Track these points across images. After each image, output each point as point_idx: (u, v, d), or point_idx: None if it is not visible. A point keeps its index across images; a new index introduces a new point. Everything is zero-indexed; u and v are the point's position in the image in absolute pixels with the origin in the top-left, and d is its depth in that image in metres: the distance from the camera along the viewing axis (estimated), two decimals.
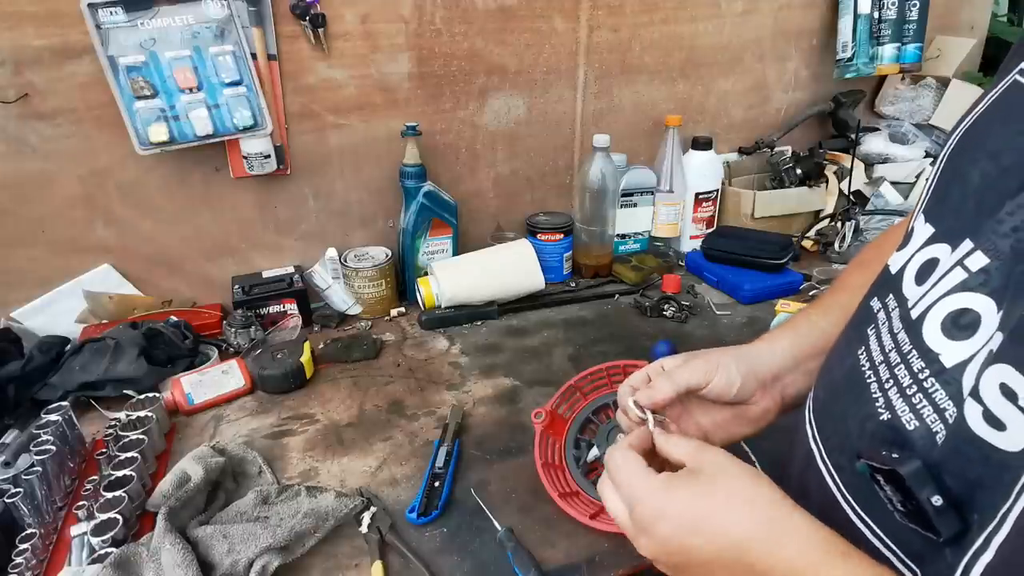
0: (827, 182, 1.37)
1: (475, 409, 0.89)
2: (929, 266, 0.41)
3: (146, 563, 0.60)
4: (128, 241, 1.04)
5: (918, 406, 0.38)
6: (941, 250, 0.40)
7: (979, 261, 0.36)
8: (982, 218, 0.37)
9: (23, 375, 0.85)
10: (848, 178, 1.33)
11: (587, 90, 1.27)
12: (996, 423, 0.32)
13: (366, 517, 0.68)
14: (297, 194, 1.12)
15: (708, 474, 0.43)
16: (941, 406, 0.36)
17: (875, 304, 0.46)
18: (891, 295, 0.44)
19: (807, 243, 1.34)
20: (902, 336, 0.41)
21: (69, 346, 0.93)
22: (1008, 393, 0.31)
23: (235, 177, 1.06)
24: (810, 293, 1.16)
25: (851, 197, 1.33)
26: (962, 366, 0.35)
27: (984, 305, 0.35)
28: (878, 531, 0.39)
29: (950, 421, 0.35)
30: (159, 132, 0.95)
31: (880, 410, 0.40)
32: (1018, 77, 0.39)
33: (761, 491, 0.42)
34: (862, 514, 0.40)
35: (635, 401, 0.53)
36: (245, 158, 1.03)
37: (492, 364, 1.00)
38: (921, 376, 0.38)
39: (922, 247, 0.42)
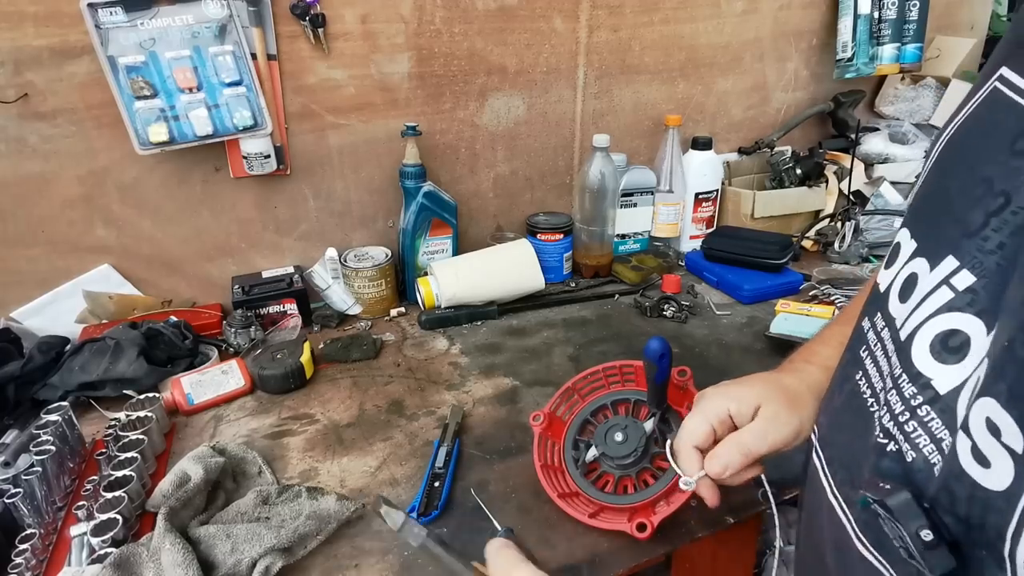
0: (827, 182, 1.37)
1: (475, 409, 0.89)
2: (910, 282, 0.39)
3: (146, 563, 0.60)
4: (128, 241, 1.04)
5: (913, 435, 0.36)
6: (920, 265, 0.39)
7: (965, 280, 0.35)
8: (966, 235, 0.36)
9: (23, 375, 0.85)
10: (848, 178, 1.33)
11: (587, 90, 1.27)
12: (982, 460, 0.30)
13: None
14: (297, 194, 1.12)
15: None
16: (938, 436, 0.35)
17: (865, 324, 0.45)
18: (879, 314, 0.43)
19: (807, 243, 1.34)
20: (895, 360, 0.39)
21: (69, 346, 0.93)
22: (992, 428, 0.30)
23: (235, 177, 1.06)
24: (810, 293, 1.16)
25: (851, 197, 1.33)
26: (956, 392, 0.34)
27: (973, 327, 0.34)
28: (892, 572, 0.37)
29: (947, 452, 0.34)
30: (159, 132, 0.95)
31: (883, 440, 0.38)
32: (997, 84, 0.38)
33: None
34: (875, 552, 0.39)
35: (688, 480, 0.55)
36: (245, 158, 1.03)
37: (492, 364, 1.00)
38: (914, 403, 0.36)
39: (906, 263, 0.41)
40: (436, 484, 0.73)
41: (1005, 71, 0.37)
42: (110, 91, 0.92)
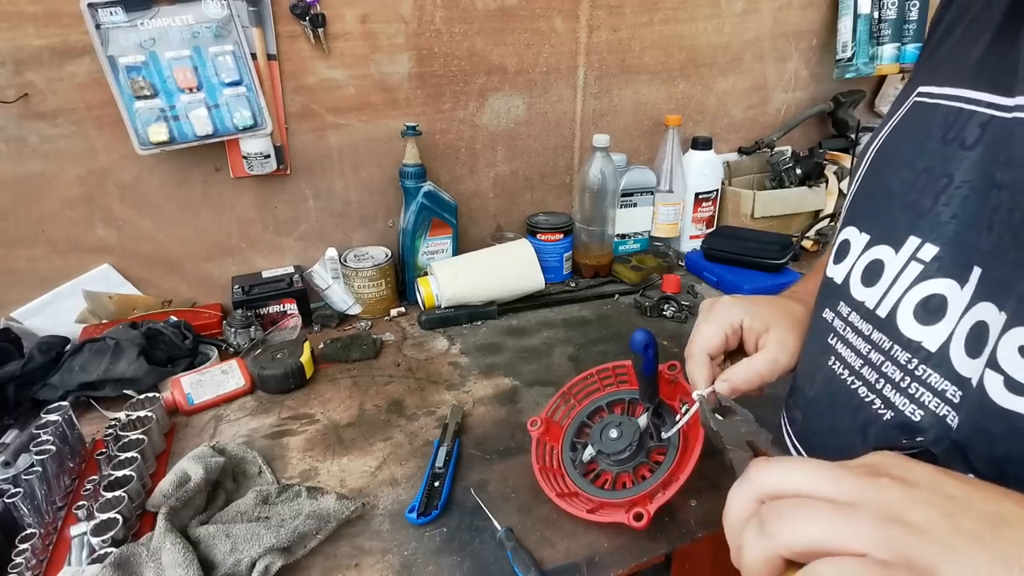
0: (827, 182, 1.37)
1: (475, 409, 0.89)
2: (874, 268, 0.44)
3: (146, 563, 0.60)
4: (128, 241, 1.04)
5: (916, 395, 0.39)
6: (882, 251, 0.43)
7: (930, 251, 0.40)
8: (920, 216, 0.41)
9: (23, 375, 0.85)
10: (848, 178, 1.33)
11: (587, 90, 1.27)
12: (1019, 388, 0.31)
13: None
14: (297, 194, 1.12)
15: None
16: (939, 388, 0.38)
17: (827, 315, 0.48)
18: (841, 303, 0.46)
19: (807, 243, 1.34)
20: (877, 336, 0.43)
21: (69, 346, 0.93)
22: None
23: (235, 177, 1.06)
24: None
25: None
26: (946, 346, 0.38)
27: (946, 287, 0.38)
28: None
29: (955, 400, 0.36)
30: (159, 132, 0.95)
31: (880, 411, 0.41)
32: (917, 99, 0.44)
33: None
34: None
35: (700, 393, 0.55)
36: (245, 158, 1.03)
37: (492, 364, 1.00)
38: (910, 366, 0.40)
39: (861, 254, 0.45)
40: (436, 484, 0.73)
41: (923, 88, 0.44)
42: (110, 91, 0.92)
